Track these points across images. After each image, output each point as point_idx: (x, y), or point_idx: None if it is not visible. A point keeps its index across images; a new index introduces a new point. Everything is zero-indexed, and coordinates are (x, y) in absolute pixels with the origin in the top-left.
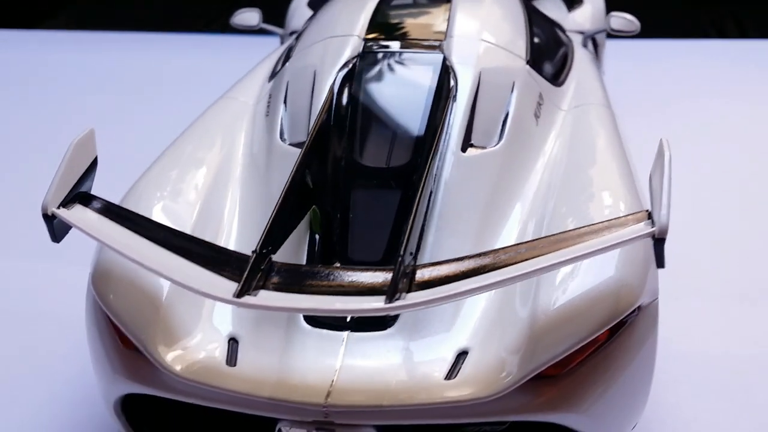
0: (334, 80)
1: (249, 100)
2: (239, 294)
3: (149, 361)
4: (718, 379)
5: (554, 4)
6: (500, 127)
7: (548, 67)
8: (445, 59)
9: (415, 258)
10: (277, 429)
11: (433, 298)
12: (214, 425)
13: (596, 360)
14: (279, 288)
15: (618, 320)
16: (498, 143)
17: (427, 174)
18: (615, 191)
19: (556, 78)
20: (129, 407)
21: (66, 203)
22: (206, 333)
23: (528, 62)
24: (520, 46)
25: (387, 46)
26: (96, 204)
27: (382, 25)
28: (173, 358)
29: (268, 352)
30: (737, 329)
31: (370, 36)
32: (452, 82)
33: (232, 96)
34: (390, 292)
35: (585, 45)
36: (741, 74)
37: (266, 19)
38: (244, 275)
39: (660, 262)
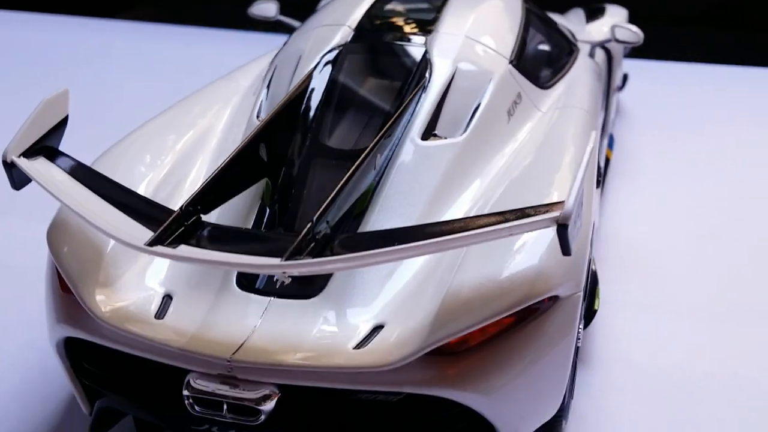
0: (316, 65)
1: (246, 83)
2: (150, 243)
3: (83, 308)
4: (665, 391)
5: (577, 16)
6: (467, 121)
7: (535, 70)
8: (426, 52)
9: (334, 228)
10: (186, 380)
11: (324, 264)
12: (141, 375)
13: (501, 343)
14: (196, 244)
15: (526, 305)
16: (461, 135)
17: (368, 155)
18: (563, 189)
19: (544, 81)
20: (71, 351)
21: (29, 155)
22: (143, 288)
23: (511, 62)
24: (506, 47)
25: (374, 37)
26: (59, 159)
27: (376, 18)
28: (104, 305)
29: (195, 310)
30: (700, 346)
31: (361, 27)
32: (427, 74)
33: (232, 78)
34: (290, 253)
35: (591, 55)
36: None
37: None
38: (162, 227)
39: (564, 249)
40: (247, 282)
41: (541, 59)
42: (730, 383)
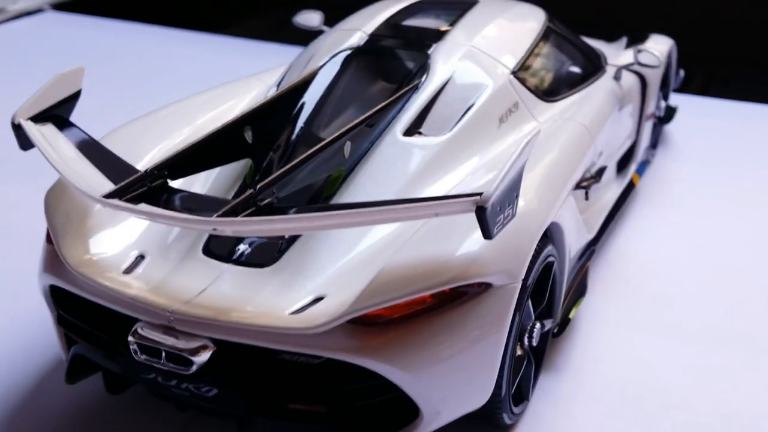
0: (324, 63)
1: (270, 81)
2: (107, 196)
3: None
4: (631, 406)
5: (619, 43)
6: (455, 123)
7: (541, 83)
8: (428, 58)
9: (280, 199)
10: (133, 329)
11: (249, 225)
12: (103, 324)
13: (425, 321)
14: (155, 204)
15: (452, 286)
16: (445, 135)
17: (333, 141)
18: (529, 188)
19: (549, 94)
20: (55, 299)
21: (38, 120)
22: (119, 246)
23: (513, 73)
24: (510, 58)
25: (385, 43)
26: (66, 128)
27: (392, 26)
28: (78, 257)
29: (160, 269)
30: (679, 367)
31: (376, 33)
32: (423, 77)
33: (260, 77)
34: (222, 213)
35: (617, 78)
36: None
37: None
38: (121, 183)
39: (484, 233)
40: (212, 249)
41: (550, 74)
42: (701, 407)
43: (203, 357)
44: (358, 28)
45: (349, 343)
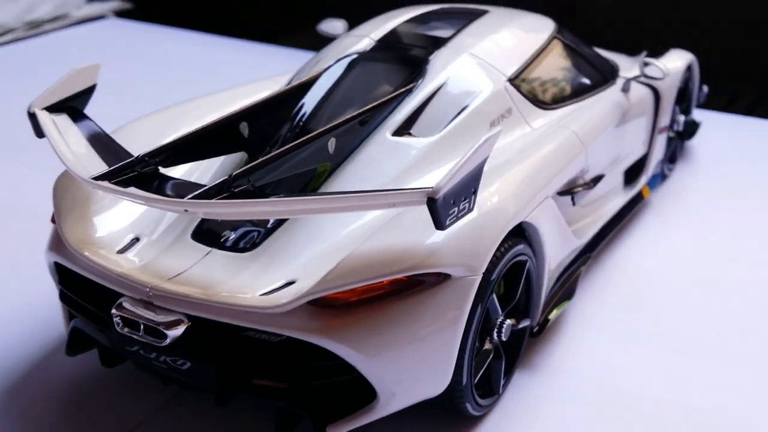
0: (329, 66)
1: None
2: (96, 177)
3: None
4: (607, 408)
5: (639, 56)
6: (445, 125)
7: (539, 91)
8: (428, 63)
9: (256, 187)
10: (118, 302)
11: (215, 207)
12: (96, 299)
13: (383, 306)
14: (143, 187)
15: (410, 274)
16: (434, 137)
17: (316, 136)
18: (504, 188)
19: (546, 102)
20: (59, 276)
21: (54, 110)
22: (118, 229)
23: (510, 80)
24: (509, 66)
25: (389, 49)
26: (80, 119)
27: (400, 34)
28: (77, 236)
29: (151, 251)
30: (659, 376)
31: (383, 40)
32: (419, 81)
33: (277, 79)
34: (194, 196)
35: (624, 89)
36: None
37: None
38: (112, 168)
39: (435, 224)
40: (200, 234)
41: (550, 83)
42: (673, 415)
43: (177, 331)
44: (367, 35)
45: (309, 324)
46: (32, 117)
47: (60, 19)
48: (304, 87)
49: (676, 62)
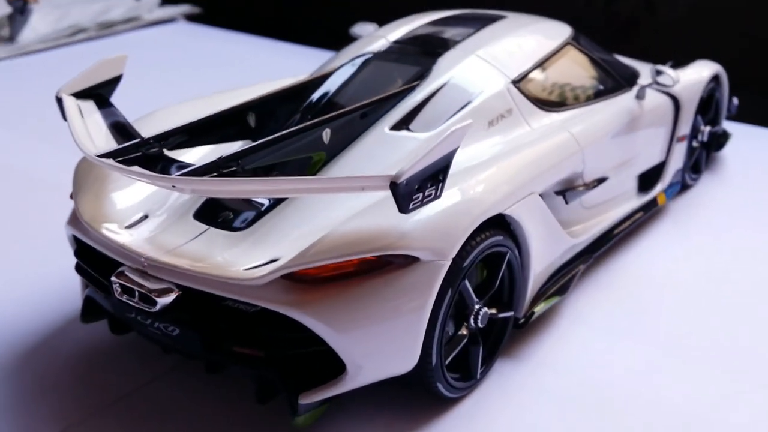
0: (343, 64)
1: None
2: (102, 155)
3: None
4: (583, 402)
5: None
6: (443, 123)
7: (543, 93)
8: (435, 63)
9: (245, 170)
10: (117, 271)
11: (198, 184)
12: (104, 270)
13: (353, 283)
14: (146, 167)
15: (379, 254)
16: (430, 133)
17: (309, 127)
18: (491, 179)
19: (551, 105)
20: (78, 249)
21: (81, 96)
22: (129, 207)
23: (514, 82)
24: (514, 68)
25: (402, 50)
26: (106, 106)
27: (416, 36)
28: (90, 211)
29: (155, 227)
30: (641, 371)
31: (398, 41)
32: (424, 79)
33: (299, 78)
34: (183, 173)
35: (639, 96)
36: None
37: None
38: (117, 147)
39: (399, 207)
40: (201, 214)
41: (557, 86)
42: (648, 412)
43: (167, 299)
44: (384, 36)
45: (283, 297)
46: (59, 101)
47: (132, 21)
48: (316, 82)
49: (699, 72)
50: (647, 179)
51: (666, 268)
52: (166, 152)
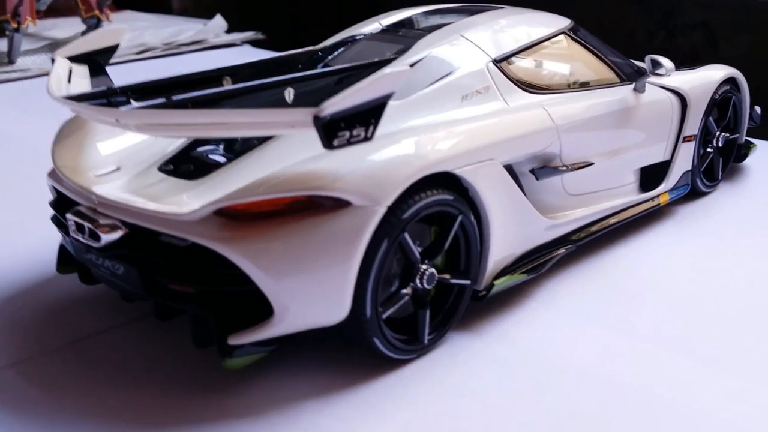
0: (334, 43)
1: None
2: (66, 97)
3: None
4: (534, 376)
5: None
6: (415, 93)
7: (527, 75)
8: (418, 40)
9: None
10: (74, 208)
11: (141, 119)
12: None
13: (281, 222)
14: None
15: (307, 194)
16: (398, 102)
17: (272, 84)
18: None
19: (533, 86)
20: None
21: (77, 60)
22: (103, 159)
23: (494, 61)
24: (497, 49)
25: (392, 32)
26: (99, 71)
27: (408, 21)
28: (65, 161)
29: (122, 176)
30: (601, 354)
31: (390, 25)
32: (404, 53)
33: None
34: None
35: (638, 89)
36: None
37: None
38: (86, 92)
39: (322, 142)
40: (163, 167)
41: (542, 70)
42: (608, 388)
43: (113, 235)
44: (377, 21)
45: (214, 233)
46: (53, 62)
47: (197, 43)
48: (299, 57)
49: (711, 73)
50: (652, 178)
51: (656, 266)
52: (133, 103)
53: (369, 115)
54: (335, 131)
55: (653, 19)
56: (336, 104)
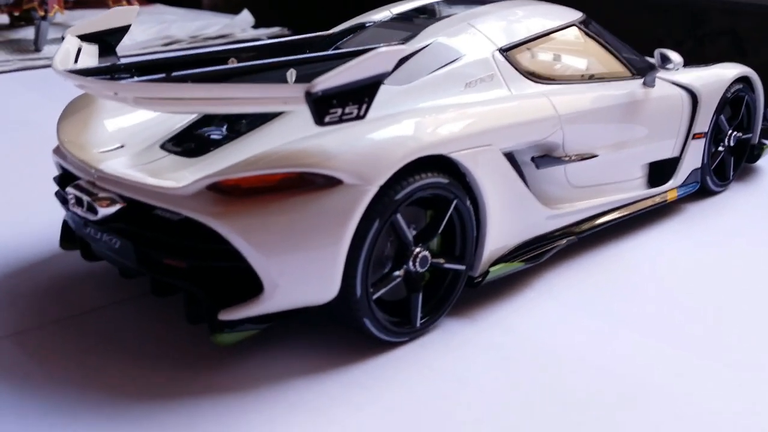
0: (343, 29)
1: None
2: (69, 71)
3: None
4: (528, 364)
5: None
6: (420, 78)
7: (533, 65)
8: (425, 28)
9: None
10: (74, 183)
11: (140, 92)
12: None
13: (272, 198)
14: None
15: (299, 170)
16: (403, 86)
17: (273, 66)
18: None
19: (539, 76)
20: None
21: (88, 40)
22: (108, 137)
23: (501, 50)
24: (504, 39)
25: (401, 19)
26: (108, 50)
27: (418, 10)
28: (70, 138)
29: (125, 153)
30: (599, 347)
31: (401, 14)
32: (411, 40)
33: None
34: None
35: (647, 84)
36: None
37: None
38: (89, 67)
39: (314, 118)
40: (165, 146)
41: (550, 61)
42: (603, 375)
43: (110, 209)
44: (388, 9)
45: (206, 207)
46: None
47: (223, 37)
48: (307, 41)
49: (724, 71)
50: (661, 174)
51: (660, 262)
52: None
53: (362, 93)
54: (327, 108)
55: (681, 28)
56: (328, 80)
